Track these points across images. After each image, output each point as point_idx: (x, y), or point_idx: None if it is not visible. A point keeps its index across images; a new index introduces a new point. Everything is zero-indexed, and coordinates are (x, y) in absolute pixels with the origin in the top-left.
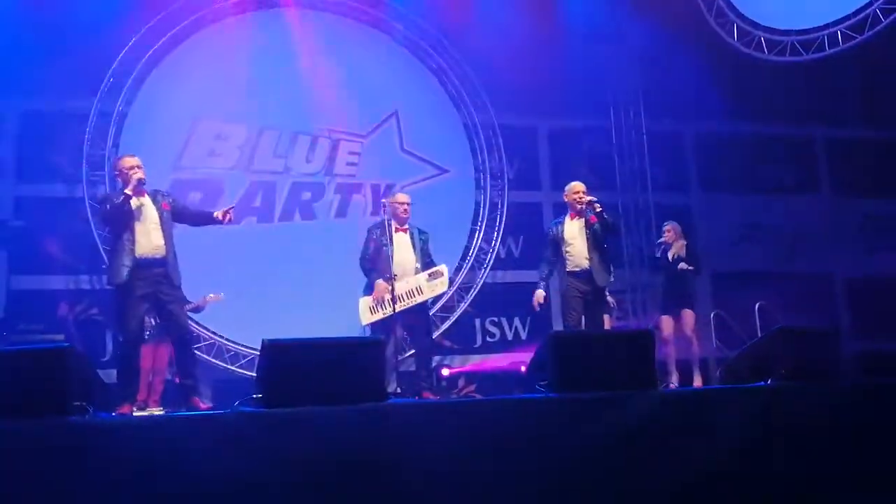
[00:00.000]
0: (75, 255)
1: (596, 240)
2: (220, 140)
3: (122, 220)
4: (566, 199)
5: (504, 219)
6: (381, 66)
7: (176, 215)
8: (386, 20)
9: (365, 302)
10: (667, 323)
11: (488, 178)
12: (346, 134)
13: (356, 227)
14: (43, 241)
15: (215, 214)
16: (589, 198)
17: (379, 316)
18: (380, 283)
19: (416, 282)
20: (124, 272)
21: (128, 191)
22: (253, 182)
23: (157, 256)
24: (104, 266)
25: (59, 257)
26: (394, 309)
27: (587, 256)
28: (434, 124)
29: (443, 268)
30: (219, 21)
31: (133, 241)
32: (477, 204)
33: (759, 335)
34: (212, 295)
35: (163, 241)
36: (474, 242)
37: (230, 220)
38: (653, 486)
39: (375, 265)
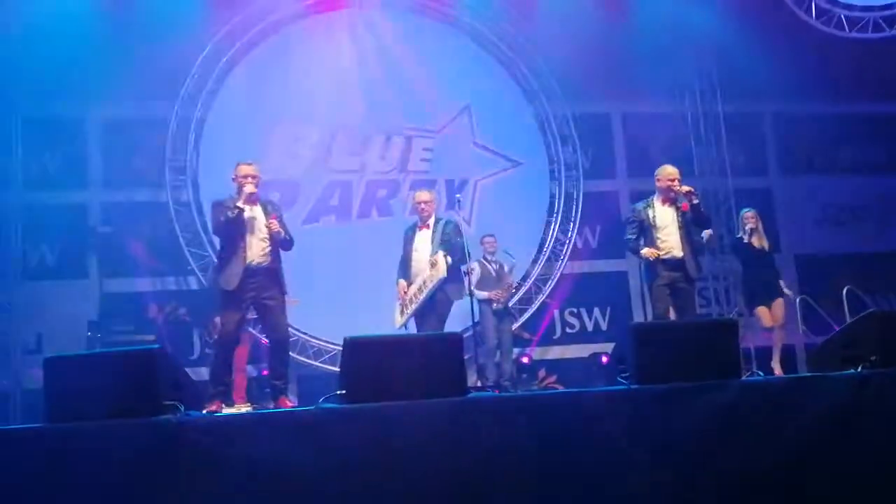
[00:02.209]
0: (161, 258)
1: (688, 229)
2: (297, 141)
3: (234, 231)
4: (658, 185)
5: (580, 209)
6: (452, 60)
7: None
8: (454, 14)
9: (397, 305)
10: (764, 313)
11: (562, 169)
12: (418, 130)
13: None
14: (130, 245)
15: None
16: (687, 188)
17: (406, 317)
18: (400, 283)
19: (423, 276)
20: (235, 279)
21: (239, 204)
22: (330, 181)
23: (265, 264)
24: (189, 267)
25: (146, 260)
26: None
27: (680, 245)
28: (506, 117)
29: (437, 256)
30: (292, 23)
31: (245, 250)
32: (552, 195)
33: (848, 320)
34: (291, 300)
35: (269, 249)
36: (550, 234)
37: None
38: (734, 477)
39: (402, 267)
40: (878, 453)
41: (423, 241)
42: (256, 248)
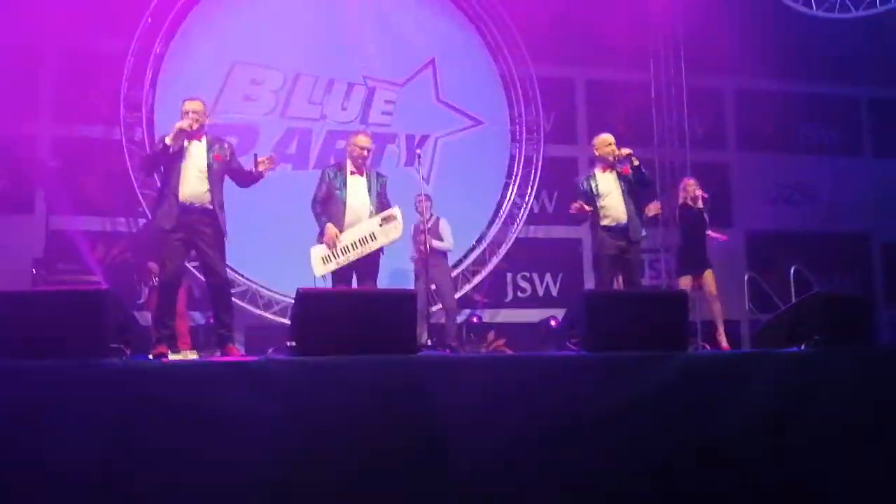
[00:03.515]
0: (112, 197)
1: (631, 192)
2: (256, 85)
3: (158, 166)
4: (596, 153)
5: (539, 173)
6: (419, 13)
7: (227, 170)
8: None
9: (317, 252)
10: (685, 283)
11: (524, 131)
12: (382, 82)
13: (390, 178)
14: (80, 182)
15: (259, 160)
16: (626, 150)
17: (332, 267)
18: (329, 227)
19: (368, 227)
20: (169, 218)
21: (167, 139)
22: (289, 128)
23: (200, 204)
24: (140, 209)
25: (96, 199)
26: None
27: (624, 210)
28: (471, 74)
29: (395, 211)
30: None
31: (178, 187)
32: (512, 157)
33: (794, 299)
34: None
35: (207, 188)
36: (508, 196)
37: (270, 166)
38: (680, 448)
39: (326, 209)
40: (822, 428)
41: (359, 189)
42: (192, 185)
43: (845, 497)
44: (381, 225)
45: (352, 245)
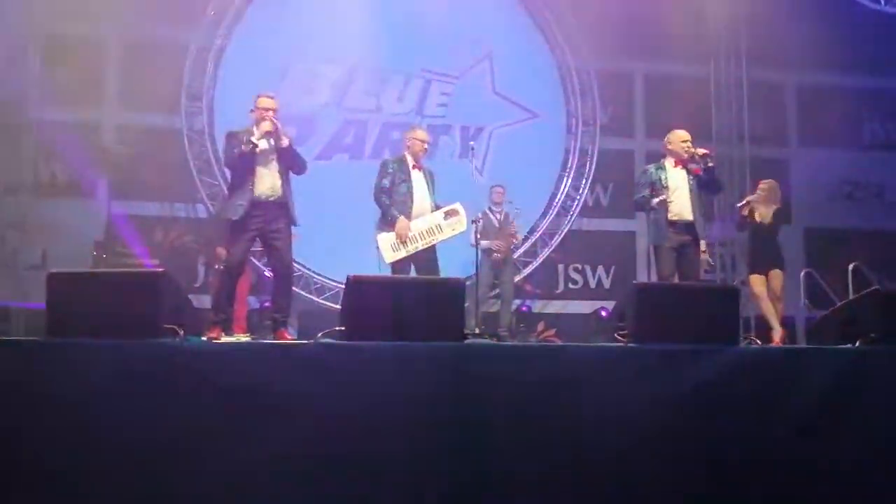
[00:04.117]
0: (172, 184)
1: (699, 192)
2: (315, 78)
3: (245, 164)
4: (669, 147)
5: (594, 165)
6: (477, 6)
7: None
8: None
9: (386, 239)
10: (756, 281)
11: (580, 124)
12: (438, 74)
13: (444, 169)
14: (141, 169)
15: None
16: (703, 151)
17: (402, 255)
18: (402, 220)
19: (433, 220)
20: (240, 210)
21: (254, 139)
22: (345, 120)
23: (274, 198)
24: (199, 195)
25: (157, 185)
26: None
27: (690, 207)
28: (527, 67)
29: (458, 206)
30: None
31: (253, 183)
32: (567, 150)
33: (851, 296)
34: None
35: (279, 182)
36: (562, 189)
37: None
38: (727, 443)
39: (399, 202)
40: (874, 428)
41: (421, 182)
42: (267, 181)
43: None
44: (445, 218)
45: (419, 235)
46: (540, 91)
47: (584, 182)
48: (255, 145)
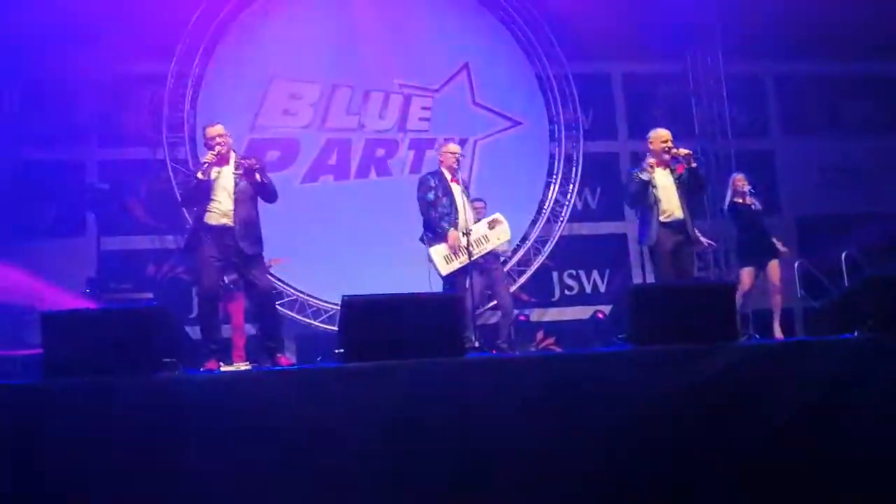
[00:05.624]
0: (159, 216)
1: (685, 190)
2: (295, 99)
3: (199, 197)
4: (651, 147)
5: (580, 170)
6: (451, 18)
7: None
8: None
9: (439, 252)
10: (748, 275)
11: (562, 129)
12: (417, 89)
13: None
14: (128, 203)
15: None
16: (685, 151)
17: (456, 265)
18: (453, 232)
19: (479, 231)
20: (206, 238)
21: (199, 175)
22: (328, 140)
23: (231, 224)
24: (187, 226)
25: (144, 218)
26: (469, 257)
27: (679, 205)
28: (506, 76)
29: (499, 215)
30: None
31: (207, 210)
32: (552, 156)
33: (846, 284)
34: (275, 259)
35: (235, 208)
36: (550, 195)
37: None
38: (734, 441)
39: (448, 215)
40: (877, 418)
41: (459, 195)
42: (223, 207)
43: None
44: (490, 228)
45: (470, 246)
46: (520, 99)
47: (571, 187)
48: (200, 180)
